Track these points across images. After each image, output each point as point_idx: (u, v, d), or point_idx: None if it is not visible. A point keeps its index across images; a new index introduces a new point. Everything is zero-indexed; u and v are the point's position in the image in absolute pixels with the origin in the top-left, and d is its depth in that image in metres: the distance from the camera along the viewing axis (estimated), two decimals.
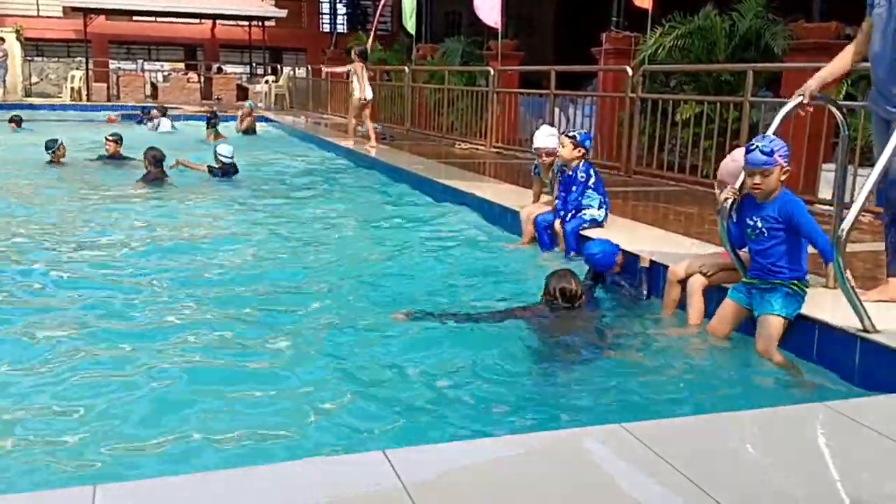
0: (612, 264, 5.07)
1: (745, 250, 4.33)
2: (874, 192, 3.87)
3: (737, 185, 4.10)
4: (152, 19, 30.75)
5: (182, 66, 31.47)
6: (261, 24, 28.63)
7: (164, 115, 17.11)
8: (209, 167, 10.22)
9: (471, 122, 13.51)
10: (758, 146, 3.89)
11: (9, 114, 19.07)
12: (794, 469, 2.43)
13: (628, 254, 5.16)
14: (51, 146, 10.71)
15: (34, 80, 27.05)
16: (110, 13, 28.18)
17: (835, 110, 4.47)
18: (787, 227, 3.89)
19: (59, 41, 30.20)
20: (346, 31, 29.65)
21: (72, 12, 27.22)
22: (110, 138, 11.28)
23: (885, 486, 2.34)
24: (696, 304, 4.41)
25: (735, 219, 4.13)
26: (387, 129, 15.77)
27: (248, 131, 16.40)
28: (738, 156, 4.41)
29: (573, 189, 6.01)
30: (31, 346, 3.99)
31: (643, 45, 10.49)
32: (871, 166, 3.82)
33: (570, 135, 6.12)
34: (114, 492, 2.14)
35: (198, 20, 30.90)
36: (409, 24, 16.77)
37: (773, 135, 4.04)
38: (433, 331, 4.31)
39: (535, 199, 6.73)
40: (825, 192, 6.90)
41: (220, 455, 2.92)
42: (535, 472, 2.32)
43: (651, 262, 4.97)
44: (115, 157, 11.15)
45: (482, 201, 7.61)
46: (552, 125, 10.30)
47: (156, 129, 16.61)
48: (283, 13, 28.06)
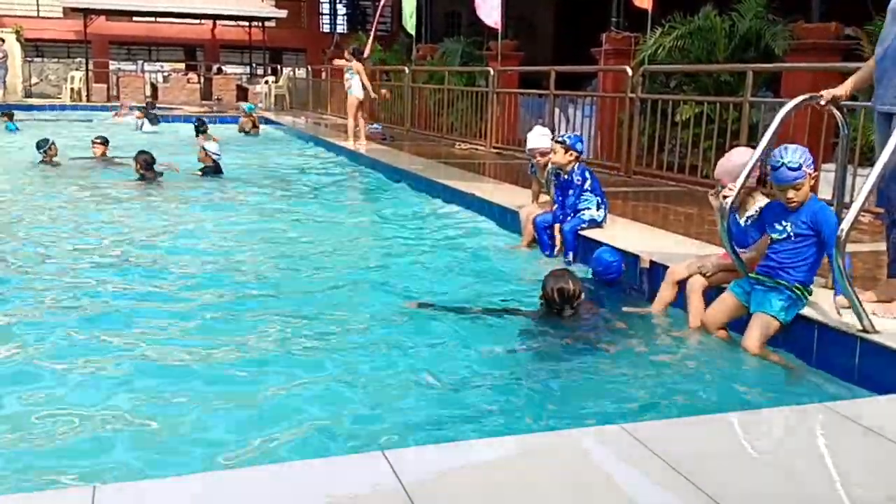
0: (621, 273, 5.04)
1: (746, 250, 4.33)
2: (874, 192, 3.85)
3: (737, 185, 4.09)
4: (152, 20, 30.77)
5: (182, 66, 31.50)
6: (261, 24, 28.65)
7: (145, 117, 17.24)
8: (201, 170, 10.30)
9: (470, 123, 13.51)
10: (784, 163, 3.81)
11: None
12: (794, 469, 2.42)
13: (628, 254, 5.15)
14: (42, 146, 10.68)
15: (34, 80, 27.05)
16: (110, 14, 28.21)
17: (835, 110, 4.46)
18: (817, 235, 3.87)
19: (59, 42, 30.21)
20: (345, 32, 29.66)
21: (72, 13, 27.25)
22: (97, 141, 11.28)
23: (885, 487, 2.33)
24: (696, 305, 4.40)
25: (737, 219, 4.12)
26: (386, 129, 15.78)
27: (250, 132, 16.59)
28: (735, 155, 4.41)
29: (570, 192, 6.00)
30: (29, 345, 3.99)
31: (643, 46, 10.50)
32: (872, 166, 3.81)
33: (560, 140, 6.07)
34: (112, 492, 2.14)
35: (198, 21, 30.93)
36: (409, 24, 16.78)
37: (774, 134, 4.04)
38: (432, 331, 4.31)
39: (535, 199, 6.73)
40: (825, 192, 6.88)
41: (219, 455, 2.91)
42: (534, 473, 2.32)
43: (651, 262, 4.97)
44: (102, 158, 11.22)
45: (482, 201, 7.61)
46: (552, 125, 10.33)
47: (140, 128, 16.73)
48: (283, 14, 28.07)
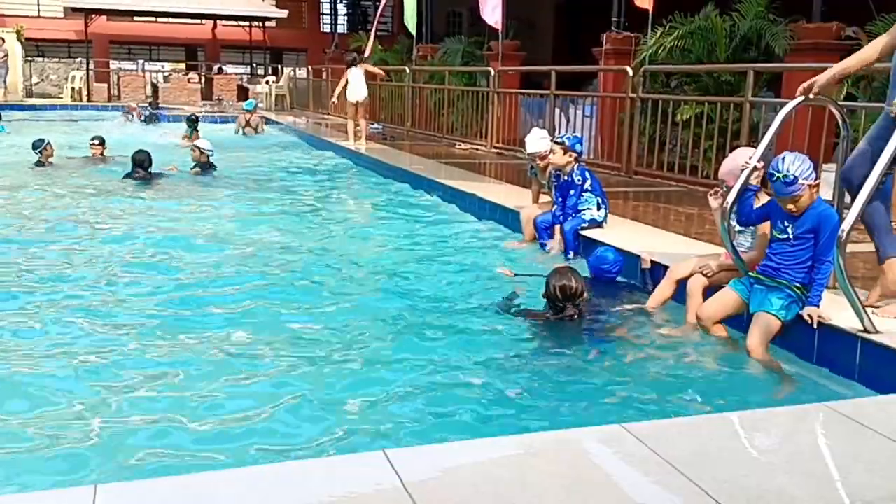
0: (619, 271, 5.04)
1: (746, 250, 4.33)
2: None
3: (735, 187, 4.09)
4: (153, 20, 30.77)
5: (183, 66, 31.51)
6: (261, 24, 28.65)
7: (127, 117, 17.50)
8: (194, 167, 10.54)
9: (471, 123, 13.51)
10: (779, 177, 3.74)
11: (9, 114, 19.08)
12: (795, 469, 2.42)
13: (630, 254, 5.16)
14: (38, 146, 10.67)
15: (35, 80, 27.06)
16: (111, 13, 28.20)
17: (835, 110, 4.46)
18: (817, 237, 3.86)
19: (60, 41, 30.21)
20: (346, 32, 29.66)
21: (72, 13, 27.24)
22: (94, 142, 11.38)
23: (886, 487, 2.34)
24: (696, 305, 4.41)
25: (742, 205, 4.11)
26: (387, 129, 15.78)
27: (248, 133, 16.65)
28: (739, 156, 4.41)
29: (570, 193, 6.00)
30: (30, 345, 4.00)
31: (644, 46, 10.49)
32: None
33: (559, 141, 6.06)
34: (114, 491, 2.14)
35: (199, 20, 30.91)
36: (410, 24, 16.77)
37: (774, 134, 4.03)
38: (432, 331, 4.31)
39: (535, 200, 6.74)
40: (825, 192, 6.86)
41: (219, 455, 2.92)
42: (535, 473, 2.32)
43: (652, 262, 4.97)
44: (100, 157, 11.37)
45: (482, 202, 7.61)
46: (553, 125, 10.33)
47: (129, 121, 16.95)
48: (284, 14, 28.06)
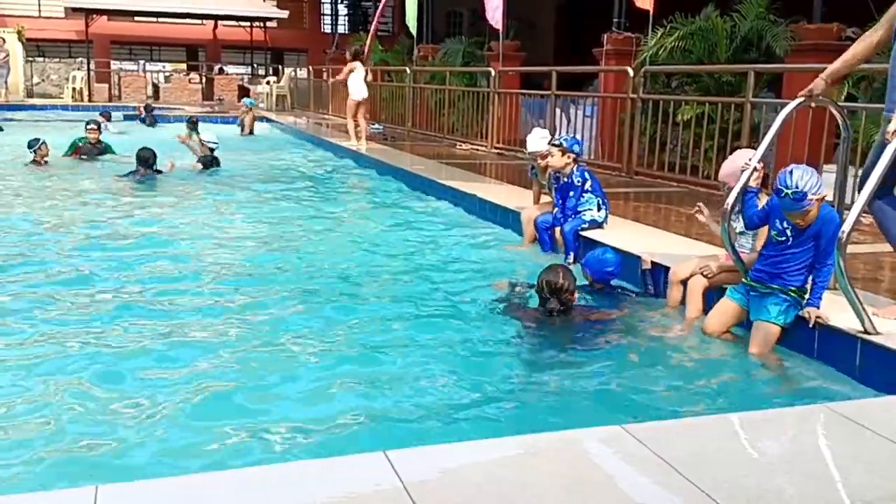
0: (617, 272, 5.03)
1: (747, 252, 4.33)
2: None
3: (738, 187, 4.09)
4: (154, 20, 30.78)
5: (184, 66, 31.52)
6: (262, 24, 28.66)
7: (109, 120, 17.35)
8: (200, 160, 10.88)
9: (472, 123, 13.51)
10: (787, 193, 3.67)
11: (9, 114, 19.09)
12: (795, 470, 2.43)
13: (629, 255, 5.16)
14: (32, 145, 10.66)
15: (36, 80, 27.07)
16: (112, 14, 28.21)
17: (835, 111, 4.46)
18: (816, 241, 3.83)
19: (61, 42, 30.23)
20: (346, 32, 29.67)
21: (73, 13, 27.25)
22: (91, 127, 11.81)
23: (886, 488, 2.34)
24: (697, 306, 4.42)
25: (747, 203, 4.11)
26: (388, 129, 15.78)
27: (250, 131, 16.66)
28: (738, 157, 4.41)
29: (570, 195, 5.99)
30: (30, 345, 4.00)
31: (644, 46, 10.49)
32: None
33: (557, 143, 6.01)
34: (115, 492, 2.14)
35: (199, 21, 30.93)
36: (411, 24, 16.77)
37: (775, 135, 4.03)
38: (432, 331, 4.31)
39: (536, 201, 6.73)
40: (826, 192, 6.88)
41: (219, 455, 2.92)
42: (536, 473, 2.32)
43: (652, 263, 4.97)
44: (97, 144, 11.62)
45: (483, 202, 7.62)
46: (553, 126, 10.33)
47: (105, 129, 16.81)
48: (285, 14, 28.08)
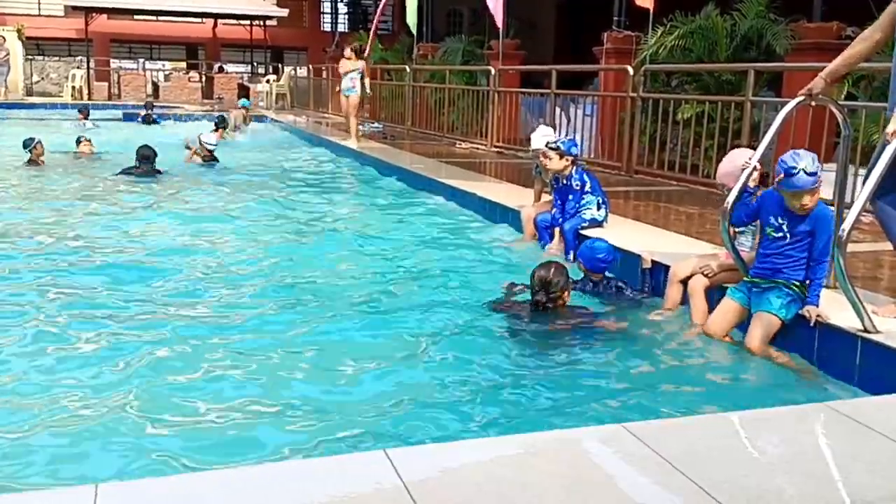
0: (610, 263, 5.03)
1: (747, 251, 4.33)
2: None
3: (738, 185, 4.09)
4: (154, 18, 30.79)
5: (183, 65, 31.53)
6: (262, 23, 28.66)
7: (86, 118, 17.37)
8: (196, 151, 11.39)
9: (472, 122, 13.51)
10: (801, 168, 3.69)
11: (9, 112, 19.06)
12: (795, 469, 2.42)
13: (629, 253, 5.16)
14: (27, 144, 10.65)
15: (35, 78, 27.07)
16: (111, 12, 28.21)
17: (835, 110, 4.46)
18: (812, 237, 3.86)
19: (61, 40, 30.23)
20: (347, 31, 29.66)
21: (73, 11, 27.26)
22: (83, 140, 11.98)
23: (886, 487, 2.34)
24: (698, 305, 4.41)
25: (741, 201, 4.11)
26: (388, 128, 15.78)
27: (239, 126, 16.73)
28: (735, 157, 4.41)
29: (570, 197, 5.98)
30: (31, 345, 3.99)
31: (644, 45, 10.48)
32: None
33: (553, 146, 5.95)
34: (115, 491, 2.14)
35: (199, 19, 30.93)
36: (411, 22, 16.76)
37: (775, 134, 4.03)
38: (431, 330, 4.31)
39: (536, 199, 6.73)
40: (826, 192, 6.86)
41: (220, 454, 2.92)
42: (536, 472, 2.32)
43: (652, 262, 4.97)
44: (91, 154, 11.73)
45: (483, 201, 7.61)
46: (553, 125, 10.32)
47: (80, 128, 16.72)
48: (285, 12, 28.07)
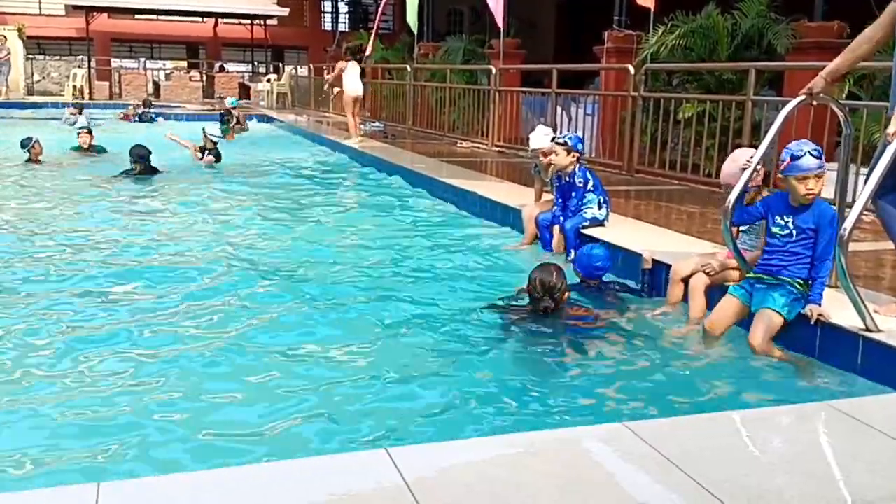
0: (608, 268, 5.02)
1: (749, 249, 4.33)
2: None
3: (739, 185, 4.09)
4: (154, 18, 30.80)
5: (184, 64, 31.54)
6: (263, 22, 28.67)
7: (80, 113, 17.27)
8: (200, 147, 11.31)
9: (472, 121, 13.50)
10: (807, 150, 3.74)
11: (10, 112, 19.07)
12: (796, 469, 2.42)
13: (631, 252, 5.16)
14: (25, 144, 10.64)
15: (36, 78, 27.09)
16: (112, 11, 28.21)
17: (837, 109, 4.45)
18: (817, 235, 3.85)
19: (62, 39, 30.24)
20: (347, 30, 29.66)
21: (74, 10, 27.28)
22: (83, 131, 12.05)
23: (887, 486, 2.34)
24: (699, 303, 4.41)
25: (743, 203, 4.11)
26: (388, 127, 15.77)
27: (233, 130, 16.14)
28: (738, 157, 4.41)
29: (572, 195, 5.97)
30: (32, 344, 4.00)
31: (645, 44, 10.47)
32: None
33: (561, 141, 5.95)
34: (117, 489, 2.14)
35: (200, 19, 30.94)
36: (411, 22, 16.75)
37: (777, 133, 4.03)
38: (434, 329, 4.31)
39: (537, 198, 6.72)
40: (827, 191, 6.86)
41: (222, 453, 2.92)
42: (537, 471, 2.32)
43: (653, 261, 4.96)
44: (90, 148, 11.76)
45: (484, 200, 7.61)
46: (554, 124, 10.32)
47: (72, 125, 16.58)
48: (285, 12, 28.07)
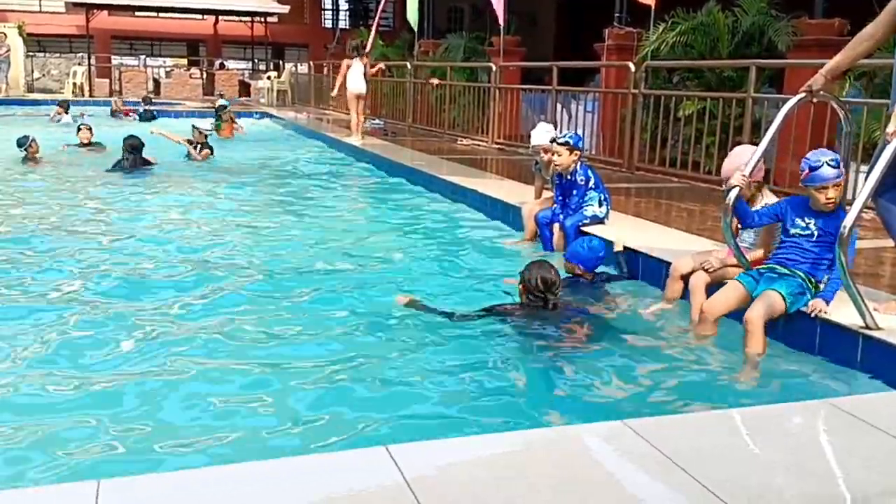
0: (601, 259, 5.10)
1: (748, 247, 4.32)
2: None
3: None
4: (155, 15, 30.79)
5: (184, 61, 31.54)
6: (263, 19, 28.65)
7: (66, 112, 17.24)
8: (188, 140, 11.34)
9: (472, 119, 13.49)
10: (825, 161, 3.72)
11: (10, 109, 19.07)
12: (796, 466, 2.42)
13: (634, 252, 5.20)
14: (22, 143, 10.60)
15: (36, 75, 27.11)
16: (112, 9, 28.19)
17: (837, 107, 4.45)
18: (835, 236, 3.77)
19: (62, 37, 30.24)
20: (347, 28, 29.65)
21: (74, 8, 27.29)
22: (83, 126, 12.20)
23: (888, 483, 2.34)
24: (698, 301, 4.39)
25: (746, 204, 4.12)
26: (388, 124, 15.76)
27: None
28: (739, 153, 4.41)
29: (573, 193, 5.96)
30: (34, 342, 4.00)
31: (646, 41, 10.47)
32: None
33: (563, 141, 5.91)
34: (117, 487, 2.14)
35: (200, 16, 30.92)
36: (412, 19, 16.75)
37: (777, 129, 4.03)
38: (435, 327, 4.30)
39: (537, 196, 6.72)
40: None
41: (222, 451, 2.92)
42: (537, 469, 2.32)
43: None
44: (89, 145, 11.85)
45: (484, 197, 7.61)
46: (554, 121, 10.32)
47: (57, 122, 16.61)
48: (286, 9, 28.04)
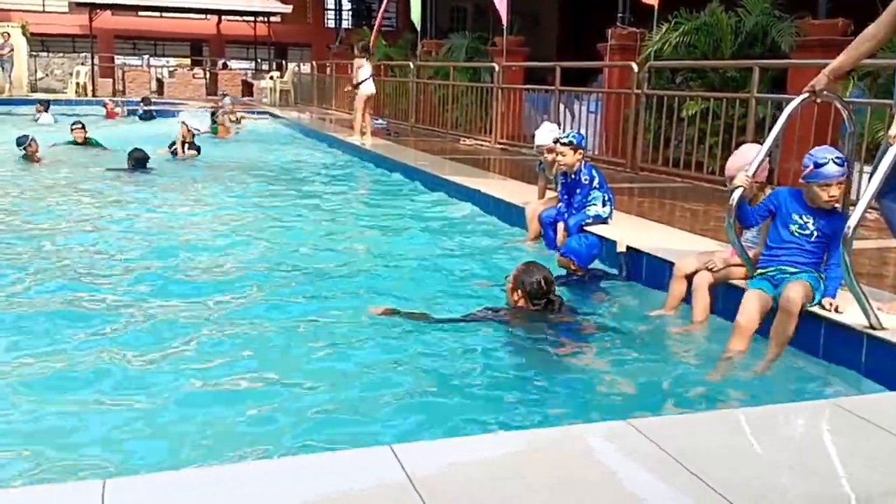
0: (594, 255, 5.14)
1: (752, 246, 4.32)
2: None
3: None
4: (158, 15, 30.84)
5: (188, 61, 31.58)
6: (266, 19, 28.68)
7: (46, 111, 17.25)
8: (182, 142, 11.45)
9: (475, 118, 13.49)
10: (830, 158, 3.72)
11: (11, 108, 19.10)
12: (800, 466, 2.42)
13: (637, 252, 5.20)
14: (22, 143, 10.62)
15: (40, 75, 27.14)
16: (115, 9, 28.24)
17: (841, 107, 4.45)
18: (833, 240, 3.80)
19: (65, 36, 30.29)
20: (350, 27, 29.66)
21: (77, 8, 27.33)
22: (76, 127, 12.15)
23: (891, 483, 2.34)
24: (702, 300, 4.39)
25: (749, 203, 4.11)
26: (391, 124, 15.76)
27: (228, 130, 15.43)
28: (744, 152, 4.41)
29: (577, 192, 5.96)
30: (37, 342, 4.01)
31: (649, 42, 10.46)
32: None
33: (567, 140, 5.90)
34: (123, 486, 2.15)
35: (203, 16, 30.97)
36: (415, 18, 16.74)
37: (781, 129, 4.03)
38: (437, 327, 4.31)
39: (541, 196, 6.72)
40: None
41: (227, 450, 2.93)
42: (541, 468, 2.33)
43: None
44: (84, 143, 11.89)
45: (487, 197, 7.60)
46: (557, 121, 10.31)
47: (35, 121, 16.60)
48: (288, 9, 28.07)
